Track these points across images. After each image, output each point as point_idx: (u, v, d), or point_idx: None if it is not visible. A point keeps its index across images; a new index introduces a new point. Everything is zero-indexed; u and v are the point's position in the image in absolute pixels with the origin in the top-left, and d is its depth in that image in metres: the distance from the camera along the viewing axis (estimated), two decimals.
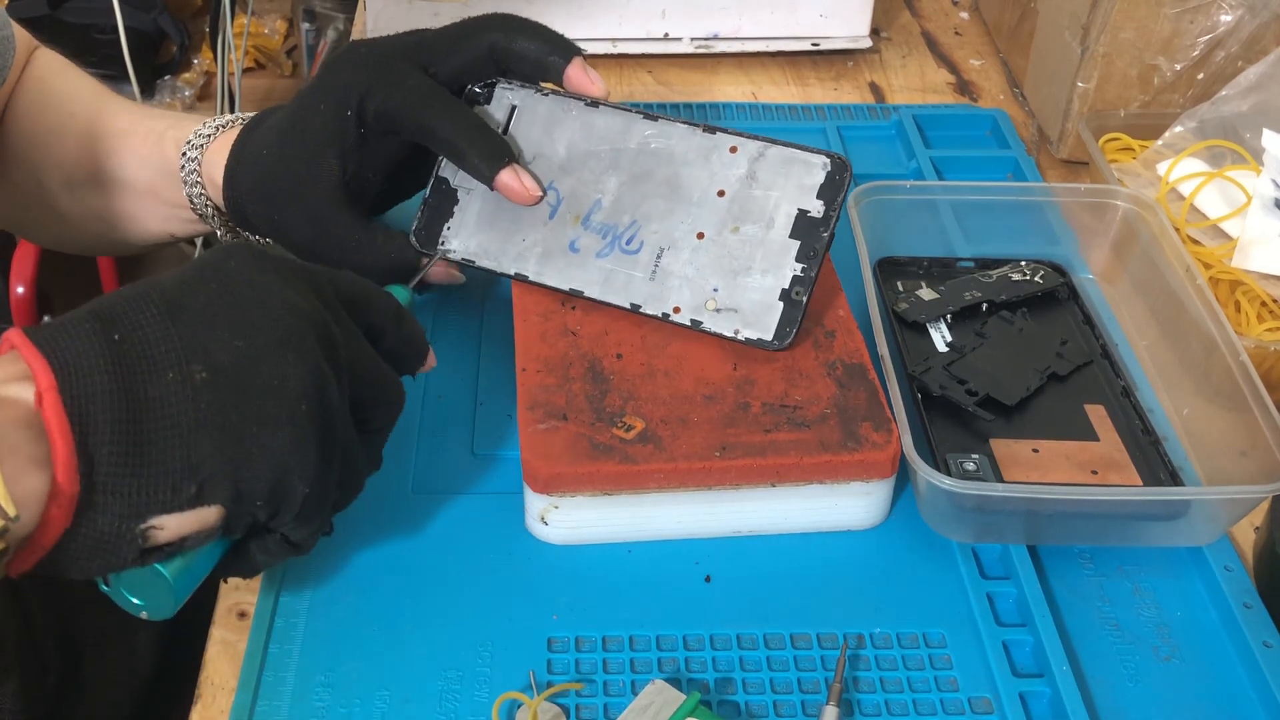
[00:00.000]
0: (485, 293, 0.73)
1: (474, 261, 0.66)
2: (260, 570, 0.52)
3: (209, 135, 0.66)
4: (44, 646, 0.70)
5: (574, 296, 0.64)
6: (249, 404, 0.44)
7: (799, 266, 0.61)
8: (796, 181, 0.62)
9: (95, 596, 0.47)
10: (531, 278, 0.64)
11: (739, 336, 0.61)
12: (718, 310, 0.62)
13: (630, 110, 0.65)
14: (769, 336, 0.61)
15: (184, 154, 0.66)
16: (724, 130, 0.64)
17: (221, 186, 0.64)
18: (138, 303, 0.45)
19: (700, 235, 0.63)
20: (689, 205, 0.63)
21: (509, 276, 0.65)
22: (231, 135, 0.65)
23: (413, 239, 0.66)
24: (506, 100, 0.66)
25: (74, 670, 0.71)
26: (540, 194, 0.64)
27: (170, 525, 0.43)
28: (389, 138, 0.63)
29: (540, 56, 0.64)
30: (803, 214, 0.62)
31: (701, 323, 0.62)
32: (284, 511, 0.47)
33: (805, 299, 0.61)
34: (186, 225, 0.70)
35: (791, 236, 0.62)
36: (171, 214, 0.69)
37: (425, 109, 0.62)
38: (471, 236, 0.66)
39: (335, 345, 0.47)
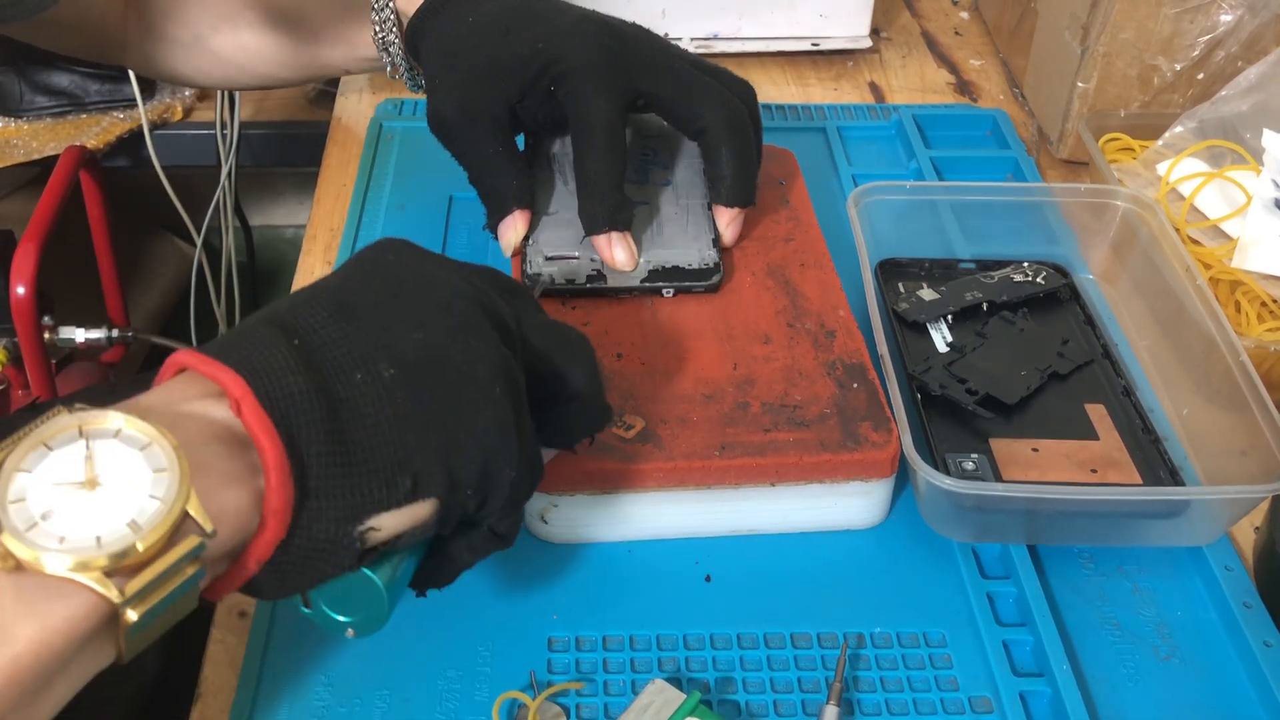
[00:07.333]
0: None
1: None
2: (459, 572, 0.49)
3: None
4: None
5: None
6: (445, 393, 0.43)
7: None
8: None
9: None
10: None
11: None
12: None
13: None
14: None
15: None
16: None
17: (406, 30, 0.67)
18: (307, 307, 0.43)
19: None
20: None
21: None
22: None
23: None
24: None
25: None
26: (632, 267, 0.66)
27: (386, 524, 0.42)
28: (553, 102, 0.65)
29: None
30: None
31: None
32: (492, 499, 0.45)
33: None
34: (363, 63, 0.72)
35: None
36: (349, 52, 0.71)
37: (594, 126, 0.63)
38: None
39: (507, 326, 0.47)
